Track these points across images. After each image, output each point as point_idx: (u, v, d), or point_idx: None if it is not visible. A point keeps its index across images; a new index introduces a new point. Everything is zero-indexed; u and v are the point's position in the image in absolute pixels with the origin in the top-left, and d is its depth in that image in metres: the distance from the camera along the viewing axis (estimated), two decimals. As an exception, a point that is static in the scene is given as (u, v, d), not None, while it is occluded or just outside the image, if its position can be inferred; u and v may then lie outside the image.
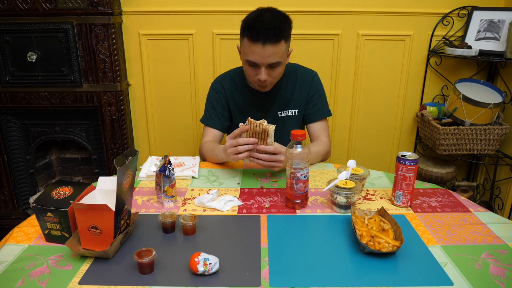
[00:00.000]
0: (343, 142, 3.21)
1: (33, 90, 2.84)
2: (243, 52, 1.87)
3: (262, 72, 1.84)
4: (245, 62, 1.89)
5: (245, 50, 1.85)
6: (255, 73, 1.87)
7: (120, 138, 2.99)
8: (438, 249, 1.28)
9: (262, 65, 1.82)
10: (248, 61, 1.84)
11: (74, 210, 1.20)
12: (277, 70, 1.87)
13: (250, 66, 1.87)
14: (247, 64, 1.87)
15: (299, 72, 2.11)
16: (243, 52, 1.87)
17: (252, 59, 1.81)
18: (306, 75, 2.10)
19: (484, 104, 2.58)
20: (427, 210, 1.54)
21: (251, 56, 1.81)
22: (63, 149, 3.29)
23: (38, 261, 1.22)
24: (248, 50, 1.81)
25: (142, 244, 1.26)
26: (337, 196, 1.49)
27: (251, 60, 1.82)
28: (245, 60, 1.88)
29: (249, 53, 1.81)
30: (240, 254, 1.27)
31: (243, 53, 1.87)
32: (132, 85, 3.05)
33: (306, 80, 2.09)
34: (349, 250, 1.28)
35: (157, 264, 1.19)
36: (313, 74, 2.12)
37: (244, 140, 1.67)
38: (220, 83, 2.13)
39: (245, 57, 1.85)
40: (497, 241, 1.33)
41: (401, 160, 1.50)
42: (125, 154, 1.22)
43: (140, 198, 1.64)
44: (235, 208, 1.55)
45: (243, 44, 1.85)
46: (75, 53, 2.76)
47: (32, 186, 3.17)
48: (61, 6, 2.64)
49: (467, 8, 2.84)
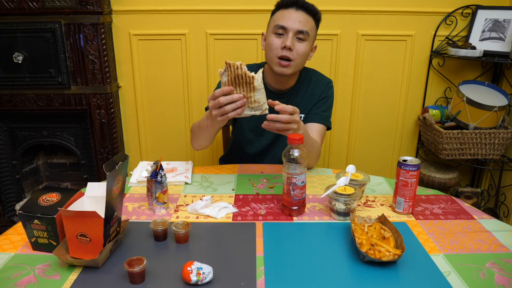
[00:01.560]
0: (342, 146, 3.22)
1: (19, 92, 2.84)
2: (272, 22, 1.92)
3: (289, 38, 1.85)
4: (271, 34, 1.91)
5: (274, 19, 1.91)
6: (281, 42, 1.87)
7: (110, 142, 2.99)
8: (441, 258, 1.28)
9: (290, 30, 1.85)
10: (276, 26, 1.87)
11: (62, 217, 1.20)
12: (302, 46, 1.89)
13: (276, 36, 1.89)
14: (273, 34, 1.89)
15: (314, 77, 2.12)
16: (272, 22, 1.92)
17: (282, 22, 1.85)
18: (320, 81, 2.12)
19: (488, 107, 2.59)
20: (430, 217, 1.54)
21: (281, 21, 1.86)
22: (50, 153, 3.29)
23: (25, 270, 1.21)
24: (279, 16, 1.89)
25: (133, 253, 1.26)
26: (335, 202, 1.49)
27: (280, 24, 1.86)
28: (272, 29, 1.90)
29: (280, 18, 1.87)
30: (234, 263, 1.26)
31: (272, 23, 1.92)
32: (122, 87, 3.06)
33: (320, 86, 2.10)
34: (348, 259, 1.28)
35: (149, 273, 1.18)
36: (327, 80, 2.14)
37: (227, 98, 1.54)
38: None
39: (274, 23, 1.89)
40: (502, 250, 1.33)
41: (403, 165, 1.50)
42: (115, 159, 1.22)
43: (130, 205, 1.63)
44: (229, 215, 1.55)
45: (274, 17, 1.92)
46: (63, 54, 2.76)
47: (19, 192, 3.16)
48: (49, 5, 2.64)
49: (471, 7, 2.85)
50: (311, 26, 1.90)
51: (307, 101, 2.08)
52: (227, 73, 1.54)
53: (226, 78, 1.54)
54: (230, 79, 1.53)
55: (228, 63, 1.52)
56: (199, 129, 1.88)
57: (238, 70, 1.51)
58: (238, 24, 2.88)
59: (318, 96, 2.08)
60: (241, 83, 1.53)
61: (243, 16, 2.88)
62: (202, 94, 3.05)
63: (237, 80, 1.53)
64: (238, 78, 1.52)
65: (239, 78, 1.52)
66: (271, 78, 2.04)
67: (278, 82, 2.02)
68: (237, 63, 1.51)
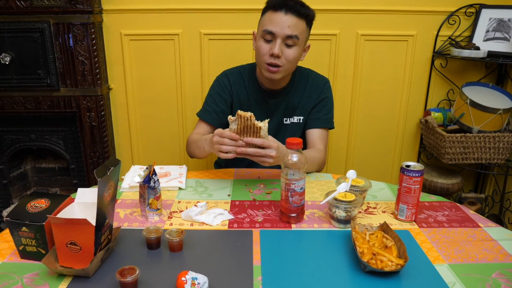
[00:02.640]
0: (342, 150, 3.22)
1: (6, 94, 2.83)
2: (261, 25, 1.92)
3: (277, 45, 1.86)
4: (260, 38, 1.92)
5: (263, 22, 1.91)
6: (269, 48, 1.88)
7: (101, 146, 2.98)
8: (445, 268, 1.28)
9: (279, 36, 1.85)
10: (265, 31, 1.88)
11: (51, 224, 1.20)
12: (291, 52, 1.89)
13: (265, 41, 1.90)
14: (262, 39, 1.90)
15: (310, 77, 2.13)
16: (261, 25, 1.92)
17: (270, 27, 1.86)
18: (317, 81, 2.13)
19: (493, 109, 2.59)
20: (433, 225, 1.54)
21: (269, 25, 1.86)
22: (39, 158, 3.27)
23: (12, 280, 1.21)
24: (267, 20, 1.88)
25: (125, 262, 1.25)
26: (336, 209, 1.49)
27: (268, 30, 1.86)
28: (261, 33, 1.91)
29: (268, 23, 1.87)
30: (231, 272, 1.26)
31: (261, 26, 1.92)
32: (113, 89, 3.05)
33: (317, 85, 2.11)
34: (348, 269, 1.27)
35: (141, 283, 1.18)
36: (324, 80, 2.15)
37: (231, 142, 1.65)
38: (227, 77, 2.15)
39: (262, 27, 1.89)
40: (509, 259, 1.33)
41: (405, 171, 1.50)
42: (107, 164, 1.22)
43: (122, 211, 1.63)
44: (225, 223, 1.55)
45: (263, 19, 1.92)
46: (52, 55, 2.75)
47: (6, 198, 3.14)
48: (37, 4, 2.64)
49: (475, 6, 2.86)
50: (302, 29, 1.89)
51: (305, 102, 2.08)
52: (237, 122, 1.63)
53: (236, 126, 1.64)
54: (239, 127, 1.64)
55: (239, 114, 1.60)
56: (196, 147, 1.95)
57: (248, 121, 1.61)
58: (233, 24, 2.88)
59: (317, 96, 2.08)
60: (248, 132, 1.64)
61: (238, 16, 2.88)
62: (196, 95, 3.05)
63: (245, 129, 1.63)
64: (246, 128, 1.63)
65: (247, 128, 1.63)
66: (263, 78, 2.05)
67: (270, 83, 2.05)
68: (248, 115, 1.60)
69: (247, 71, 2.14)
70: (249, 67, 2.13)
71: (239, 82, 2.12)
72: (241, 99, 2.11)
